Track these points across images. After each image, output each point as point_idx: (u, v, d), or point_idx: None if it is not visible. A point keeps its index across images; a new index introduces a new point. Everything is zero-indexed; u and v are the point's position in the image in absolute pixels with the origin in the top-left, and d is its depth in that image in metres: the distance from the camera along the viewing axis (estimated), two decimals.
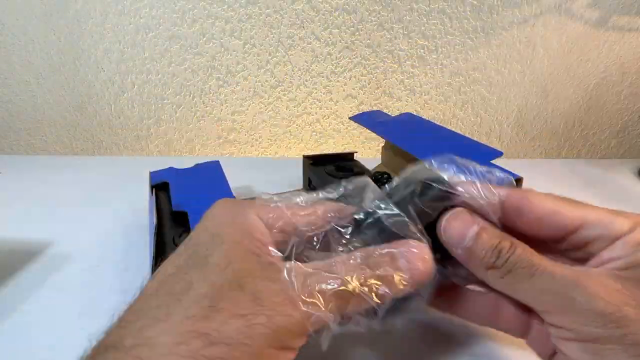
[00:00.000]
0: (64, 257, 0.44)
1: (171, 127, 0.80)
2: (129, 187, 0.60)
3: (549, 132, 0.81)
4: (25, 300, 0.38)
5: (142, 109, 0.78)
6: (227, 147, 0.82)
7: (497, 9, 0.70)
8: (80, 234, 0.48)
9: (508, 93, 0.77)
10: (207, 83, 0.76)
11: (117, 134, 0.81)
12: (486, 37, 0.72)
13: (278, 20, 0.71)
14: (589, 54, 0.73)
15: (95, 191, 0.59)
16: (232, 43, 0.73)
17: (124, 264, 0.43)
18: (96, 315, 0.36)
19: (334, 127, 0.80)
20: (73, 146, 0.83)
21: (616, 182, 0.63)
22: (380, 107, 0.78)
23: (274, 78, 0.76)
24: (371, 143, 0.82)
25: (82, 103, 0.78)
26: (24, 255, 0.44)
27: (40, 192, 0.58)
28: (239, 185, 0.59)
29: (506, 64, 0.74)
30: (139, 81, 0.76)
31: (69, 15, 0.71)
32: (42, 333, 0.34)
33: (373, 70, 0.75)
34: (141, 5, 0.70)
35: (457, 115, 0.79)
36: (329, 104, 0.78)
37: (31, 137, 0.82)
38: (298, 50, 0.73)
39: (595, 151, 0.83)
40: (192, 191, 0.45)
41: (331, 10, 0.70)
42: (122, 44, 0.73)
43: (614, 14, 0.70)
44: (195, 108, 0.78)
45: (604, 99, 0.77)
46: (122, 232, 0.48)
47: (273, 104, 0.78)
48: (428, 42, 0.72)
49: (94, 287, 0.40)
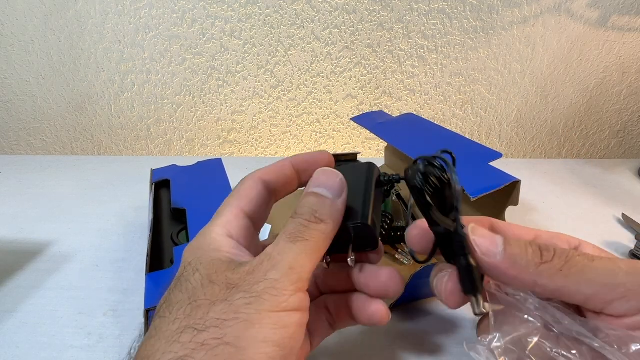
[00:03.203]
0: (64, 257, 0.44)
1: (171, 127, 0.80)
2: (129, 187, 0.60)
3: (549, 132, 0.81)
4: (25, 300, 0.38)
5: (142, 109, 0.78)
6: (227, 147, 0.82)
7: (497, 9, 0.70)
8: (80, 234, 0.48)
9: (508, 93, 0.77)
10: (207, 83, 0.76)
11: (117, 134, 0.81)
12: (486, 37, 0.72)
13: (278, 20, 0.71)
14: (589, 54, 0.73)
15: (95, 191, 0.59)
16: (232, 43, 0.73)
17: (124, 264, 0.43)
18: (96, 315, 0.36)
19: (334, 127, 0.80)
20: (73, 146, 0.83)
21: (616, 182, 0.63)
22: (380, 107, 0.78)
23: (274, 78, 0.76)
24: (371, 143, 0.82)
25: (82, 103, 0.78)
26: (24, 255, 0.44)
27: (40, 192, 0.58)
28: None
29: (506, 64, 0.74)
30: (139, 81, 0.76)
31: (69, 15, 0.71)
32: (42, 333, 0.34)
33: (373, 70, 0.75)
34: (141, 5, 0.70)
35: (457, 115, 0.79)
36: (329, 104, 0.78)
37: (31, 137, 0.82)
38: (298, 50, 0.73)
39: (595, 151, 0.83)
40: (192, 188, 0.45)
41: (331, 10, 0.70)
42: (122, 44, 0.73)
43: (614, 14, 0.70)
44: (195, 108, 0.78)
45: (604, 99, 0.77)
46: (122, 232, 0.48)
47: (273, 104, 0.78)
48: (428, 42, 0.72)
49: (93, 287, 0.40)
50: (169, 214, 0.43)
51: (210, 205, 0.41)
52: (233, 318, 0.19)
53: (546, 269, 0.20)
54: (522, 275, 0.21)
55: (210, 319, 0.19)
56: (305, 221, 0.22)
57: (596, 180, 0.64)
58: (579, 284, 0.20)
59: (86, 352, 0.32)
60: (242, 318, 0.19)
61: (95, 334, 0.34)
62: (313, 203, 0.23)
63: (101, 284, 0.40)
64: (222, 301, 0.19)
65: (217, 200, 0.43)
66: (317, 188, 0.24)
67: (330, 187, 0.24)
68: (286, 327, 0.20)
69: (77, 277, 0.41)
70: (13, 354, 0.32)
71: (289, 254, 0.21)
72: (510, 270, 0.21)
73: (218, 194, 0.43)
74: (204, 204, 0.41)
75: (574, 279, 0.20)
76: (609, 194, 0.59)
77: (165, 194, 0.47)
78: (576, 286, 0.20)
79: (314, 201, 0.23)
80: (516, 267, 0.21)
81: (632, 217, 0.51)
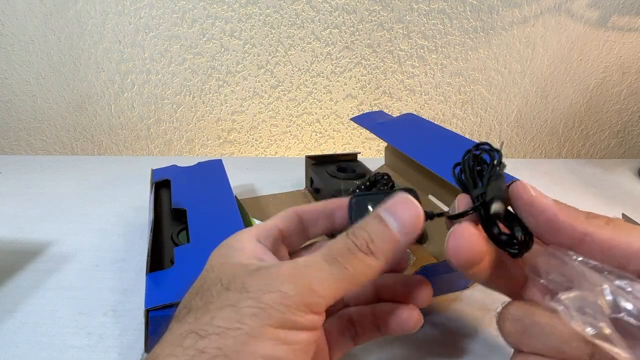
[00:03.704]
0: (64, 257, 0.44)
1: (171, 127, 0.80)
2: (129, 187, 0.60)
3: (549, 132, 0.81)
4: (25, 300, 0.38)
5: (142, 109, 0.78)
6: (227, 147, 0.82)
7: (497, 9, 0.70)
8: (80, 234, 0.48)
9: (508, 93, 0.77)
10: (207, 83, 0.76)
11: (117, 134, 0.81)
12: (486, 37, 0.72)
13: (278, 20, 0.71)
14: (589, 54, 0.73)
15: (95, 191, 0.59)
16: (232, 43, 0.73)
17: (124, 264, 0.43)
18: (96, 315, 0.36)
19: (334, 127, 0.80)
20: (73, 146, 0.83)
21: (616, 182, 0.63)
22: (380, 107, 0.78)
23: (274, 78, 0.76)
24: (371, 143, 0.82)
25: (82, 103, 0.78)
26: (24, 255, 0.44)
27: (40, 192, 0.58)
28: (239, 185, 0.59)
29: (506, 64, 0.74)
30: (139, 81, 0.76)
31: (69, 15, 0.71)
32: (42, 333, 0.34)
33: (373, 70, 0.75)
34: (141, 6, 0.70)
35: (457, 115, 0.79)
36: (329, 104, 0.78)
37: (31, 137, 0.82)
38: (298, 50, 0.73)
39: (595, 151, 0.83)
40: (193, 189, 0.45)
41: (331, 10, 0.70)
42: (122, 44, 0.73)
43: (614, 14, 0.70)
44: (195, 108, 0.78)
45: (604, 99, 0.77)
46: (122, 232, 0.48)
47: (273, 104, 0.78)
48: (428, 42, 0.72)
49: (93, 287, 0.40)
50: (169, 214, 0.43)
51: (211, 205, 0.42)
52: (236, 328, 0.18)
53: (596, 221, 0.19)
54: (577, 223, 0.19)
55: (213, 325, 0.18)
56: (354, 246, 0.20)
57: (596, 180, 0.64)
58: (629, 235, 0.19)
59: (86, 352, 0.32)
60: (244, 330, 0.18)
61: (95, 334, 0.34)
62: (374, 230, 0.20)
63: (101, 284, 0.40)
64: (230, 306, 0.19)
65: (217, 201, 0.43)
66: (388, 215, 0.21)
67: (402, 221, 0.20)
68: (290, 344, 0.18)
69: (77, 277, 0.41)
70: (13, 354, 0.32)
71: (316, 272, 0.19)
72: (563, 214, 0.19)
73: (218, 194, 0.43)
74: (204, 205, 0.41)
75: (623, 231, 0.19)
76: (609, 194, 0.59)
77: (165, 194, 0.47)
78: (626, 237, 0.19)
79: (375, 228, 0.20)
80: (569, 212, 0.19)
81: (632, 217, 0.51)
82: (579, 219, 0.19)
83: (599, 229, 0.19)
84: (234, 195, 0.42)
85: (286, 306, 0.18)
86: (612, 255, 0.19)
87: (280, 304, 0.18)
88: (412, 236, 0.20)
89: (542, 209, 0.20)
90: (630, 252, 0.18)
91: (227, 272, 0.21)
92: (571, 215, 0.19)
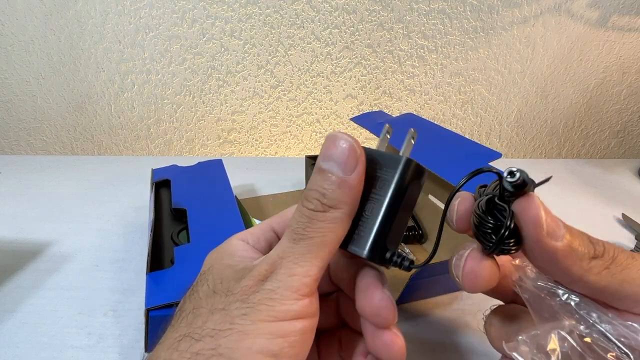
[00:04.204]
0: (64, 257, 0.44)
1: (171, 127, 0.80)
2: (129, 187, 0.60)
3: (549, 132, 0.81)
4: (25, 300, 0.38)
5: (142, 109, 0.78)
6: (227, 147, 0.82)
7: (497, 9, 0.70)
8: (80, 234, 0.48)
9: (508, 93, 0.77)
10: (207, 83, 0.76)
11: (117, 134, 0.81)
12: (486, 37, 0.72)
13: (278, 20, 0.71)
14: (589, 54, 0.73)
15: (95, 191, 0.59)
16: (232, 43, 0.73)
17: (124, 264, 0.43)
18: (96, 315, 0.36)
19: (334, 127, 0.80)
20: (73, 146, 0.83)
21: (616, 182, 0.63)
22: (380, 107, 0.78)
23: (274, 78, 0.76)
24: (371, 143, 0.82)
25: (82, 103, 0.78)
26: (24, 255, 0.44)
27: (40, 192, 0.58)
28: (239, 185, 0.59)
29: (506, 64, 0.74)
30: (139, 81, 0.76)
31: (69, 15, 0.71)
32: (42, 333, 0.34)
33: (373, 70, 0.75)
34: (141, 5, 0.70)
35: (457, 115, 0.79)
36: (329, 104, 0.78)
37: (31, 137, 0.82)
38: (298, 50, 0.73)
39: (595, 151, 0.83)
40: (193, 189, 0.45)
41: (331, 10, 0.70)
42: (122, 44, 0.73)
43: (614, 14, 0.70)
44: (195, 108, 0.78)
45: (604, 99, 0.77)
46: (122, 232, 0.48)
47: (273, 104, 0.78)
48: (428, 42, 0.72)
49: (93, 287, 0.40)
50: (169, 214, 0.43)
51: (211, 205, 0.42)
52: (228, 329, 0.18)
53: (596, 265, 0.18)
54: (574, 268, 0.18)
55: (206, 328, 0.19)
56: (309, 211, 0.19)
57: (596, 180, 0.64)
58: (623, 283, 0.18)
59: (86, 352, 0.32)
60: (237, 329, 0.18)
61: (95, 334, 0.34)
62: (319, 184, 0.19)
63: (101, 284, 0.40)
64: (220, 310, 0.19)
65: (217, 201, 0.43)
66: (324, 162, 0.19)
67: (340, 159, 0.19)
68: (286, 335, 0.18)
69: (77, 277, 0.41)
70: (13, 354, 0.32)
71: (289, 258, 0.19)
72: (566, 260, 0.18)
73: (218, 194, 0.43)
74: (204, 205, 0.41)
75: (619, 277, 0.18)
76: (609, 194, 0.59)
77: (165, 194, 0.47)
78: (619, 285, 0.18)
79: (320, 181, 0.19)
80: (572, 257, 0.18)
81: (632, 217, 0.51)
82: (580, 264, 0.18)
83: (595, 276, 0.18)
84: (234, 195, 0.42)
85: (273, 300, 0.18)
86: (604, 297, 0.19)
87: (268, 299, 0.18)
88: (357, 169, 0.19)
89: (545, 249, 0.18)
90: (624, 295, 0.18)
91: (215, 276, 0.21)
92: (574, 259, 0.18)
